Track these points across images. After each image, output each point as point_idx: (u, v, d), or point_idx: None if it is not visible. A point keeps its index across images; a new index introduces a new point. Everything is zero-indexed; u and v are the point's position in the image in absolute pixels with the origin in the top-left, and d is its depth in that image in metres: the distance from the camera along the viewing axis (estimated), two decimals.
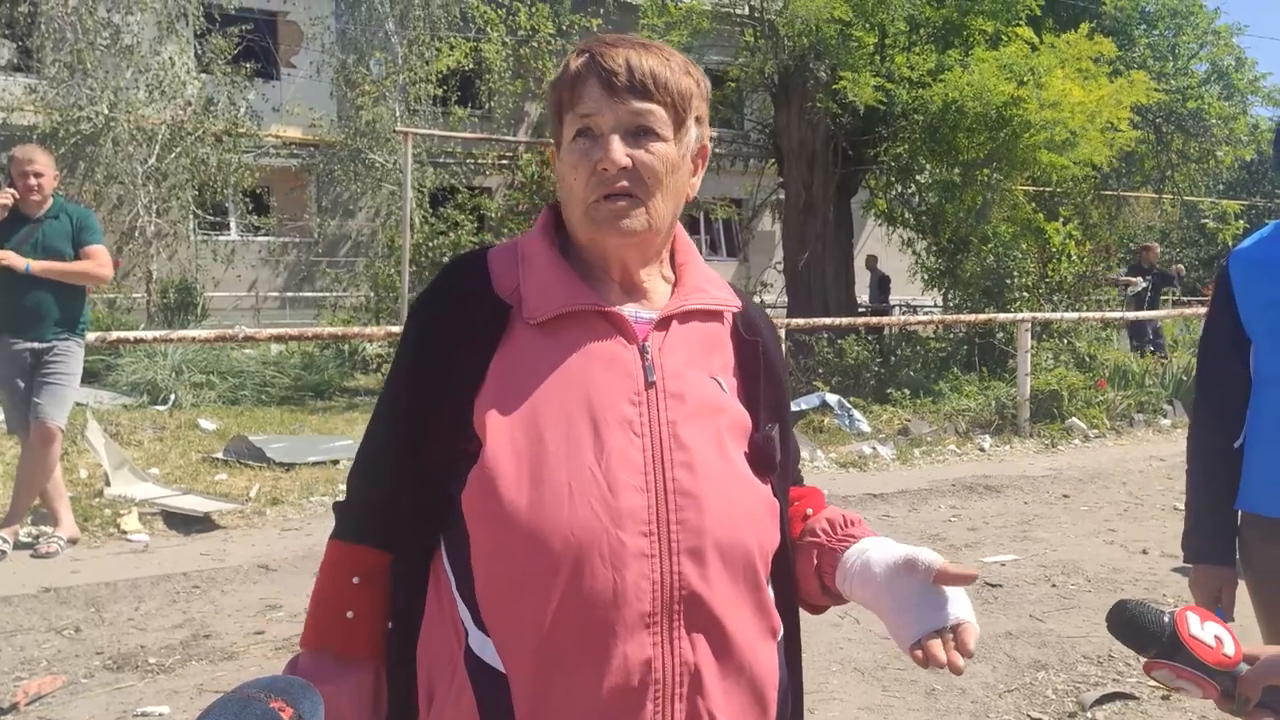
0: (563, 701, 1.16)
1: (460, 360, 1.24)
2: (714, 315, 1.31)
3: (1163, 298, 16.77)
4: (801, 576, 1.35)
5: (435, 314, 1.28)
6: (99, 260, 5.24)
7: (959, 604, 1.23)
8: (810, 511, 1.38)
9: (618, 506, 1.16)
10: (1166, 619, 1.26)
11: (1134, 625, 1.28)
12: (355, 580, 1.28)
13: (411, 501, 1.25)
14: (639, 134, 1.22)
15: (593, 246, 1.27)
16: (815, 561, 1.34)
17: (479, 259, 1.31)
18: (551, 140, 1.34)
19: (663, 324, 1.27)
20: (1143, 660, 1.28)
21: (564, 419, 1.19)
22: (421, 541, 1.26)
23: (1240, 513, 2.10)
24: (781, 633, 1.30)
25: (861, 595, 1.29)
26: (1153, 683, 3.82)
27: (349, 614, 1.26)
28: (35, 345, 5.13)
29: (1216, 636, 1.25)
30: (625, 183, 1.21)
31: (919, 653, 1.20)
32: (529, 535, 1.15)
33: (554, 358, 1.22)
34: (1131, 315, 13.02)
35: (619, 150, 1.21)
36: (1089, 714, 3.66)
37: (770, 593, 1.28)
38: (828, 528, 1.35)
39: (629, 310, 1.26)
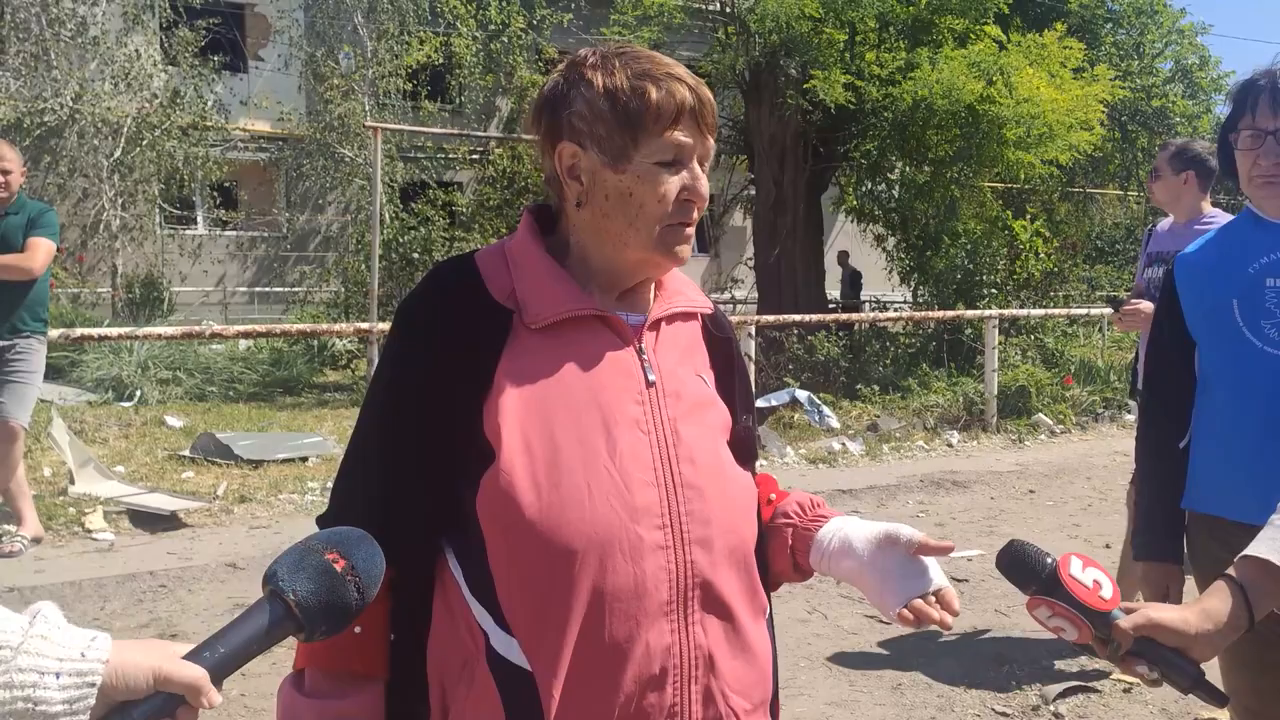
0: (589, 693, 1.20)
1: (465, 365, 1.24)
2: (691, 316, 1.39)
3: None
4: (775, 556, 1.41)
5: (433, 318, 1.28)
6: (30, 252, 4.96)
7: (937, 572, 1.34)
8: (773, 496, 1.46)
9: (634, 503, 1.21)
10: (1049, 559, 1.33)
11: (1019, 562, 1.35)
12: None
13: (415, 509, 1.25)
14: (703, 167, 1.30)
15: (638, 265, 1.31)
16: (790, 542, 1.41)
17: (468, 263, 1.32)
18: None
19: (653, 326, 1.33)
20: (1026, 598, 1.34)
21: (575, 421, 1.23)
22: (425, 549, 1.26)
23: (1187, 512, 2.14)
24: (768, 611, 1.37)
25: (841, 569, 1.37)
26: (1115, 676, 3.88)
27: (356, 629, 1.22)
28: None
29: (1095, 580, 1.31)
30: (696, 213, 1.29)
31: (908, 614, 1.29)
32: (552, 536, 1.19)
33: (559, 361, 1.26)
34: None
35: (706, 185, 1.29)
36: (1052, 707, 3.71)
37: (757, 573, 1.35)
38: (799, 509, 1.43)
39: (620, 313, 1.31)
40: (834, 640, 4.29)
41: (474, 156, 17.51)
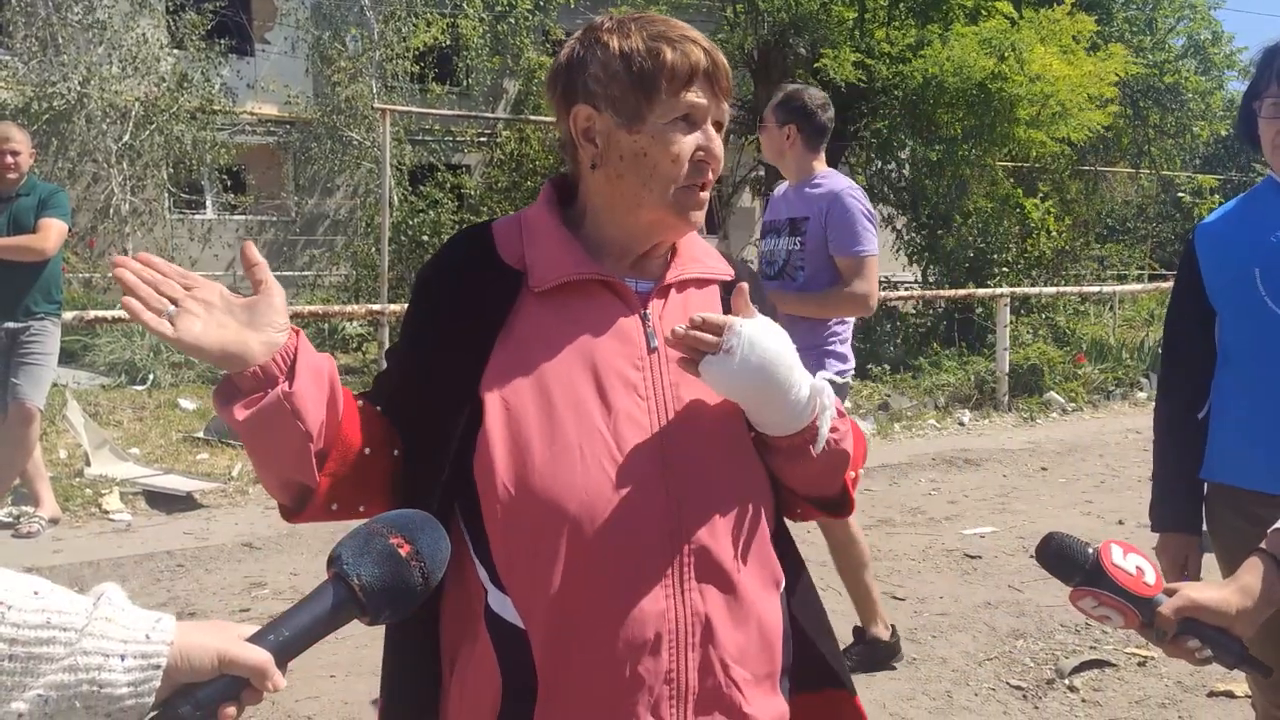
0: (582, 655, 1.19)
1: (470, 333, 1.26)
2: (706, 283, 1.38)
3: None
4: (767, 459, 1.32)
5: (440, 294, 1.30)
6: (42, 233, 4.99)
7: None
8: None
9: (628, 466, 1.21)
10: (1090, 549, 1.32)
11: (1060, 554, 1.33)
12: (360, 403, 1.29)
13: (424, 472, 1.27)
14: (719, 131, 1.31)
15: (652, 227, 1.30)
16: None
17: (484, 230, 1.35)
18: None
19: (661, 292, 1.32)
20: (1069, 590, 1.34)
21: (570, 384, 1.23)
22: (437, 512, 1.24)
23: (1206, 483, 2.13)
24: (784, 583, 1.35)
25: None
26: (1130, 649, 3.89)
27: (366, 450, 1.25)
28: (11, 325, 5.07)
29: (1138, 567, 1.31)
30: (711, 175, 1.29)
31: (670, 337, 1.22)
32: (543, 497, 1.19)
33: (559, 325, 1.26)
34: None
35: (721, 148, 1.30)
36: (1067, 681, 3.72)
37: (771, 545, 1.33)
38: None
39: (629, 280, 1.31)
40: (847, 616, 4.29)
41: (481, 140, 17.47)
